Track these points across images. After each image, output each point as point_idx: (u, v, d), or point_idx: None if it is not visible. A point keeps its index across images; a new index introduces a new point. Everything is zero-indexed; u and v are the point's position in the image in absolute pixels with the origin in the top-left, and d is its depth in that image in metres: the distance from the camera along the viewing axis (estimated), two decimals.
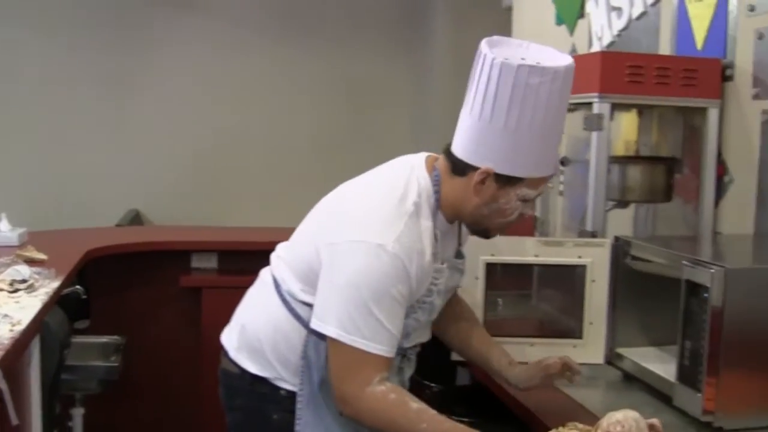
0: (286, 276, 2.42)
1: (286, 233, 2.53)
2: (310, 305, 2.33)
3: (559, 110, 2.23)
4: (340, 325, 2.18)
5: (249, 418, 2.50)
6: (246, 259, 4.78)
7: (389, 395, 2.19)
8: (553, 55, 2.23)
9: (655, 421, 2.17)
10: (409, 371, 2.53)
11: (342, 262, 2.20)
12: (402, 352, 2.39)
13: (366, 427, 2.27)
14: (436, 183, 2.32)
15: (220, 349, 2.60)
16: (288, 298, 2.39)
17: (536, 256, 2.98)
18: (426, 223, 2.28)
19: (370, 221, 2.22)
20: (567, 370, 2.54)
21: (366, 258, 2.17)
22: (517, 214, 2.32)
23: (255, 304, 2.56)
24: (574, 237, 3.21)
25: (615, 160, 3.32)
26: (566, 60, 2.21)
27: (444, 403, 3.20)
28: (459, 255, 2.50)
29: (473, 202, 2.29)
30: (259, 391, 2.44)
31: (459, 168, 2.28)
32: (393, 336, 2.21)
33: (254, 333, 2.47)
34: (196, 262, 4.94)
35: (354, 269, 2.18)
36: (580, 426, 2.29)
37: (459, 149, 2.28)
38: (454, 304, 2.68)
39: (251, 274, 2.68)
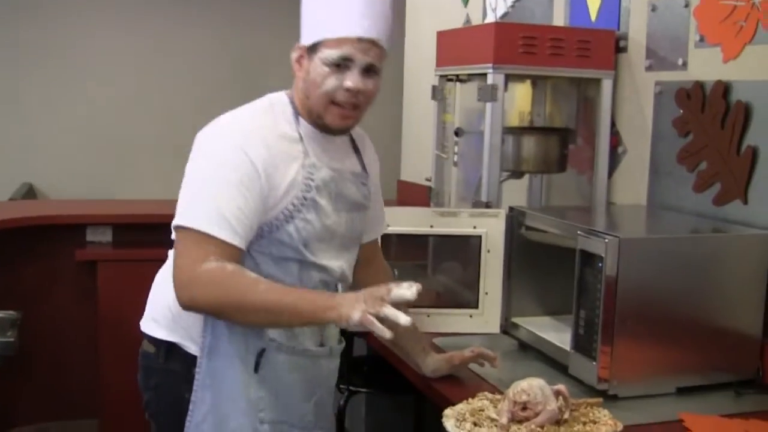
0: None
1: None
2: None
3: None
4: (180, 213, 2.21)
5: (162, 396, 2.44)
6: (141, 232, 4.74)
7: (226, 267, 2.13)
8: None
9: (561, 387, 2.20)
10: (333, 327, 2.49)
11: (189, 160, 2.27)
12: None
13: (204, 308, 2.20)
14: (291, 97, 2.38)
15: (132, 327, 2.52)
16: None
17: (431, 226, 2.98)
18: (282, 124, 2.33)
19: (220, 122, 2.32)
20: (480, 358, 2.56)
21: (206, 147, 2.25)
22: (331, 83, 2.27)
23: (162, 280, 2.46)
24: (468, 208, 3.22)
25: (509, 130, 3.33)
26: None
27: (340, 374, 3.19)
28: (362, 172, 2.52)
29: (300, 88, 2.35)
30: (172, 369, 2.38)
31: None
32: (228, 221, 2.16)
33: (165, 303, 2.39)
34: (91, 235, 4.86)
35: (196, 161, 2.25)
36: (490, 396, 2.32)
37: None
38: (380, 273, 2.68)
39: (146, 247, 2.64)
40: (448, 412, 2.23)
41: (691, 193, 2.93)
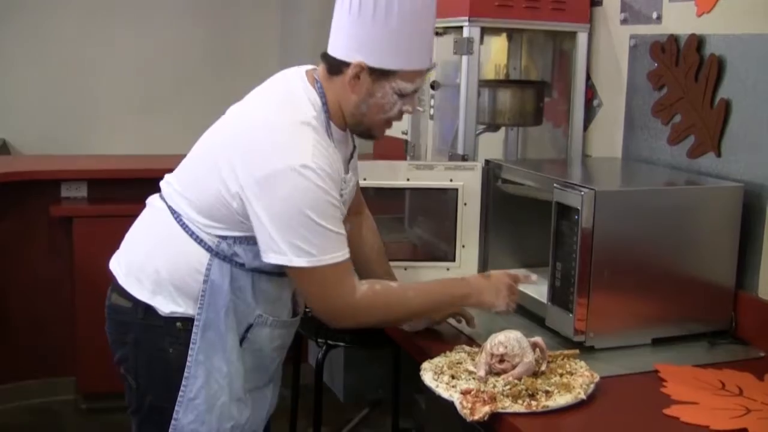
0: (188, 212, 2.35)
1: (155, 160, 2.48)
2: (215, 235, 2.32)
3: (426, 1, 2.28)
4: (303, 252, 2.20)
5: (142, 351, 2.42)
6: (116, 188, 4.72)
7: (375, 289, 2.34)
8: None
9: (538, 339, 2.23)
10: None
11: (273, 193, 2.18)
12: None
13: (364, 327, 2.46)
14: (322, 95, 2.33)
15: (109, 283, 2.50)
16: (189, 224, 2.34)
17: (408, 180, 2.98)
18: (325, 136, 2.29)
19: (283, 146, 2.21)
20: (459, 315, 2.59)
21: (296, 181, 2.17)
22: (396, 110, 2.34)
23: (149, 232, 2.47)
24: (445, 161, 3.23)
25: (485, 83, 3.34)
26: None
27: (320, 329, 3.21)
28: (353, 146, 2.54)
29: (352, 100, 2.31)
30: (152, 323, 2.37)
31: (335, 67, 2.31)
32: (345, 237, 2.28)
33: (150, 261, 2.39)
34: (66, 191, 4.84)
35: (290, 195, 2.18)
36: (467, 349, 2.34)
37: (333, 48, 2.31)
38: (368, 220, 2.78)
39: (122, 202, 2.62)
40: (425, 365, 2.25)
41: (666, 145, 2.94)
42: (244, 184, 2.21)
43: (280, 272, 2.34)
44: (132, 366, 2.45)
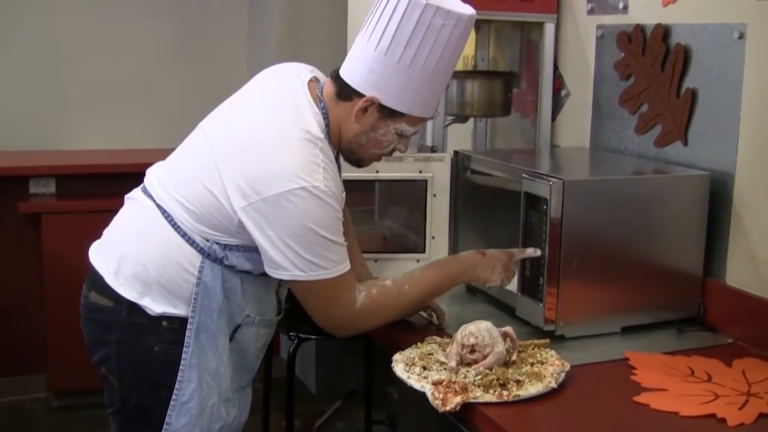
0: (181, 214, 2.33)
1: (123, 155, 2.46)
2: (207, 239, 2.32)
3: (452, 57, 2.31)
4: (317, 267, 2.25)
5: (126, 350, 2.39)
6: (85, 183, 4.70)
7: (372, 293, 2.38)
8: (457, 3, 2.30)
9: (508, 329, 2.24)
10: (284, 292, 2.59)
11: (285, 213, 2.19)
12: None
13: (368, 331, 2.49)
14: (325, 117, 2.36)
15: (81, 280, 2.48)
16: (181, 225, 2.33)
17: (377, 171, 2.99)
18: (331, 156, 2.32)
19: (294, 167, 2.20)
20: (429, 309, 2.61)
21: (309, 201, 2.19)
22: (391, 147, 2.41)
23: (137, 230, 2.43)
24: (414, 152, 3.23)
25: (453, 75, 3.33)
26: (470, 9, 2.30)
27: (291, 322, 3.21)
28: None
29: (354, 129, 2.35)
30: (137, 322, 2.35)
31: (345, 93, 2.33)
32: (346, 247, 2.33)
33: (138, 259, 2.35)
34: (34, 187, 4.83)
35: (303, 215, 2.20)
36: (438, 340, 2.35)
37: (348, 74, 2.32)
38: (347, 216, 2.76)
39: (90, 198, 2.61)
40: (397, 356, 2.26)
41: (633, 135, 2.96)
42: (252, 202, 2.21)
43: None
44: (115, 366, 2.42)
